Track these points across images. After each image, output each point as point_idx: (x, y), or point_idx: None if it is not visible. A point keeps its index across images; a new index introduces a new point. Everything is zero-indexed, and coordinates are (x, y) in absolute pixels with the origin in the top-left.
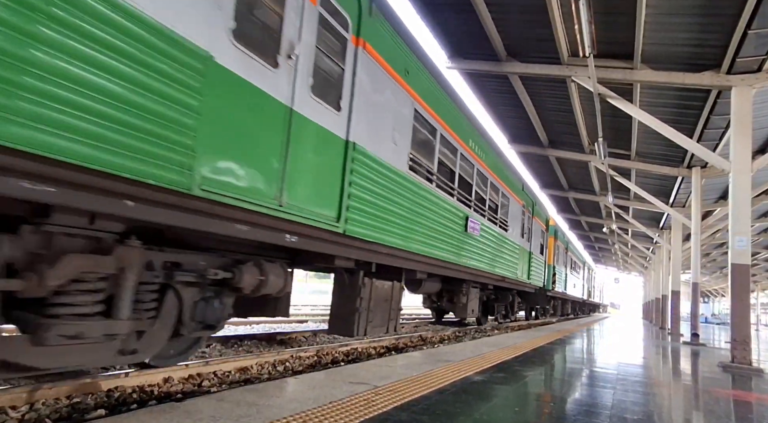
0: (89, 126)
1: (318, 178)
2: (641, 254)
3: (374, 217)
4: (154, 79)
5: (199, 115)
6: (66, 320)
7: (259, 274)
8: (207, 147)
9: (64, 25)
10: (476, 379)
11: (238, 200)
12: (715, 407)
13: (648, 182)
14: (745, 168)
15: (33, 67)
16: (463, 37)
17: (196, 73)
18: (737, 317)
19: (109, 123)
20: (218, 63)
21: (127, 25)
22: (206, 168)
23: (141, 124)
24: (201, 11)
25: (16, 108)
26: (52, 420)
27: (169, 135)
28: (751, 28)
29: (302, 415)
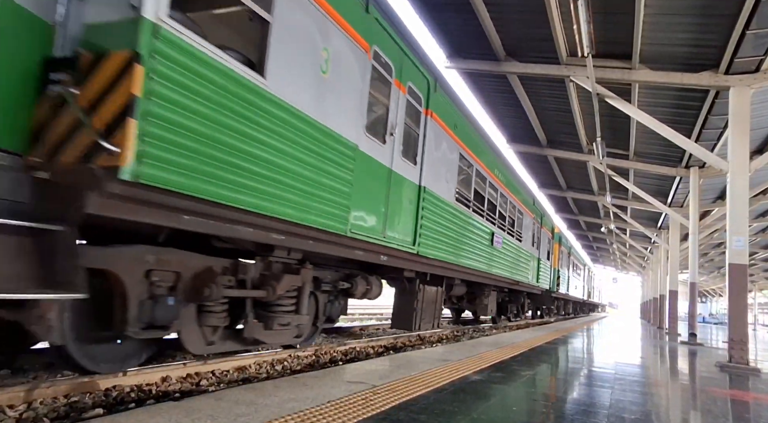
0: (300, 199)
1: (403, 215)
2: (639, 254)
3: (435, 240)
4: (334, 165)
5: (351, 185)
6: (280, 315)
7: (366, 284)
8: (354, 205)
9: (301, 147)
10: (474, 379)
11: (366, 236)
12: (713, 407)
13: (646, 182)
14: (743, 168)
15: (279, 170)
16: (462, 37)
17: (350, 158)
18: (735, 317)
19: (310, 196)
20: (360, 149)
21: (322, 137)
22: (353, 218)
23: (326, 196)
24: (352, 119)
25: (275, 195)
26: (50, 419)
27: (338, 200)
28: (750, 28)
29: (300, 415)
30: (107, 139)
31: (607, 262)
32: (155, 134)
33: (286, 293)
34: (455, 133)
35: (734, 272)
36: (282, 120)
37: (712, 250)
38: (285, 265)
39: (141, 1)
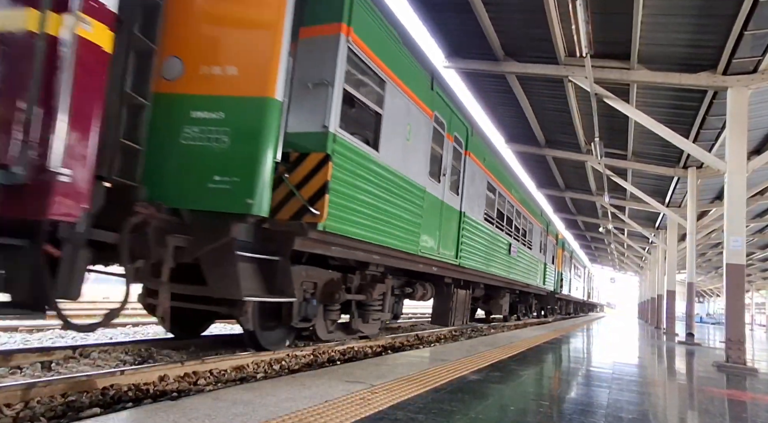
0: (391, 230)
1: (450, 235)
2: (637, 254)
3: (471, 253)
4: (412, 204)
5: (421, 217)
6: (373, 312)
7: (423, 289)
8: (422, 231)
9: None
10: (472, 378)
11: (428, 254)
12: (710, 406)
13: (644, 182)
14: (741, 168)
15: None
16: (460, 37)
17: (420, 198)
18: (732, 317)
19: (397, 227)
20: (426, 190)
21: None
22: (421, 241)
23: (407, 226)
24: (422, 168)
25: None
26: (47, 418)
27: (413, 229)
28: (748, 29)
29: (298, 414)
30: (312, 205)
31: (605, 262)
32: (334, 202)
33: (377, 297)
34: (485, 166)
35: (732, 272)
36: (385, 178)
37: (709, 250)
38: (374, 276)
39: (329, 122)
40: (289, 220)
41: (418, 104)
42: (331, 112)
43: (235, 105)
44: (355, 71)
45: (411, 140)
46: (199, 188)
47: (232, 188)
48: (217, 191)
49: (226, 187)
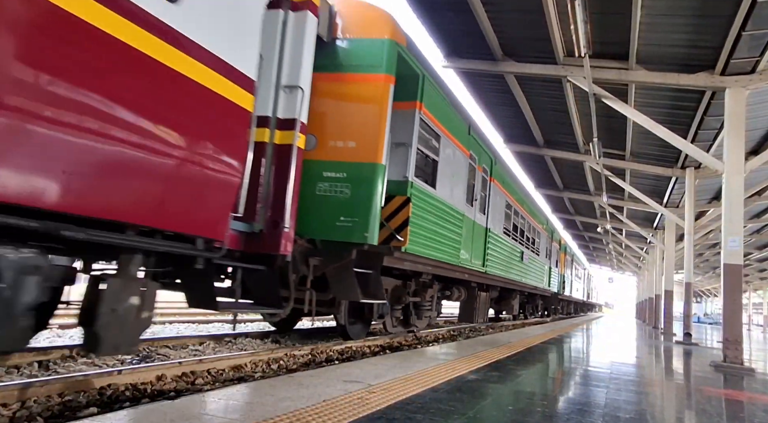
0: (440, 246)
1: (478, 248)
2: (635, 254)
3: (494, 262)
4: (455, 226)
5: (461, 235)
6: (426, 312)
7: (458, 292)
8: (461, 246)
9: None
10: (470, 378)
11: (465, 264)
12: (707, 406)
13: (642, 182)
14: (739, 169)
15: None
16: (459, 37)
17: (461, 221)
18: (729, 317)
19: (445, 244)
20: (465, 214)
21: (454, 214)
22: (461, 254)
23: (452, 243)
24: (462, 197)
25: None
26: (44, 418)
27: (455, 245)
28: (746, 29)
29: (296, 413)
30: (398, 234)
31: (603, 262)
32: (412, 230)
33: (428, 298)
34: (503, 187)
35: (729, 272)
36: (439, 208)
37: (707, 251)
38: (425, 282)
39: (409, 173)
40: (381, 244)
41: (460, 148)
42: (410, 166)
43: (354, 168)
44: (424, 133)
45: (455, 176)
46: (330, 225)
47: (353, 225)
48: (343, 227)
49: (349, 225)
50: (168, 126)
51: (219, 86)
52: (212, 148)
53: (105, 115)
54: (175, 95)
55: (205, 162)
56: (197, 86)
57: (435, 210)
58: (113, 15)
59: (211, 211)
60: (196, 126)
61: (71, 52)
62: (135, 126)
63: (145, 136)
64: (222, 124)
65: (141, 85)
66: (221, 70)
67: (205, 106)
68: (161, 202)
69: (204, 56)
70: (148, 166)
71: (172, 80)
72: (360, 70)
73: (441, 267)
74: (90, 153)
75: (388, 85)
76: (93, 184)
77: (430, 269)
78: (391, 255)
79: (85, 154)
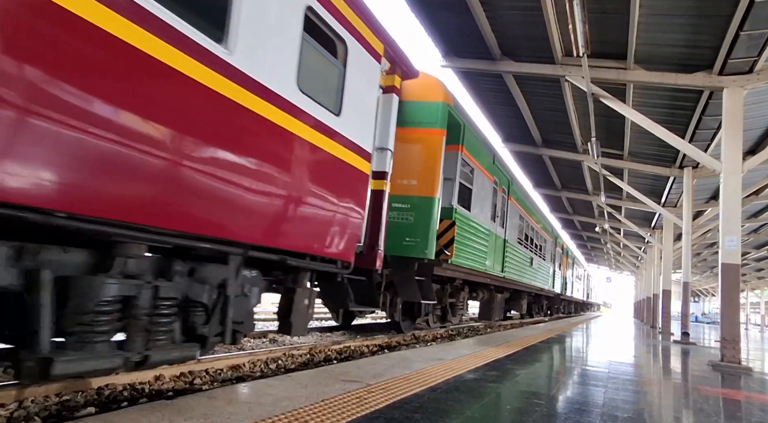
0: (473, 257)
1: (498, 257)
2: (633, 253)
3: (511, 268)
4: (484, 240)
5: (487, 247)
6: (459, 310)
7: (482, 294)
8: (487, 256)
9: (476, 237)
10: (469, 377)
11: (489, 271)
12: (705, 405)
13: (640, 182)
14: (736, 168)
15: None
16: (457, 36)
17: (487, 235)
18: (727, 316)
19: (477, 255)
20: (490, 230)
21: (483, 230)
22: (487, 262)
23: (481, 256)
24: (489, 217)
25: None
26: (42, 418)
27: (483, 255)
28: (743, 29)
29: (294, 413)
30: (446, 249)
31: (601, 262)
32: (457, 247)
33: (461, 299)
34: (518, 203)
35: (727, 272)
36: (473, 226)
37: (705, 250)
38: (458, 286)
39: (453, 202)
40: (435, 257)
41: (487, 176)
42: (454, 196)
43: (416, 200)
44: (464, 169)
45: (484, 199)
46: (398, 244)
47: (416, 244)
48: (408, 246)
49: (412, 244)
50: (333, 191)
51: (355, 162)
52: (351, 202)
53: (319, 195)
54: (336, 173)
55: (348, 212)
56: (346, 165)
57: (470, 229)
58: (318, 135)
59: (348, 243)
60: (345, 189)
61: (300, 158)
62: (322, 195)
63: (325, 200)
64: (356, 186)
65: (325, 170)
66: (358, 151)
67: (347, 176)
68: (329, 238)
69: (350, 145)
70: (326, 217)
71: (336, 165)
72: (421, 126)
73: (472, 274)
74: (312, 219)
75: (441, 136)
76: (302, 231)
77: (464, 276)
78: (440, 266)
79: (312, 220)
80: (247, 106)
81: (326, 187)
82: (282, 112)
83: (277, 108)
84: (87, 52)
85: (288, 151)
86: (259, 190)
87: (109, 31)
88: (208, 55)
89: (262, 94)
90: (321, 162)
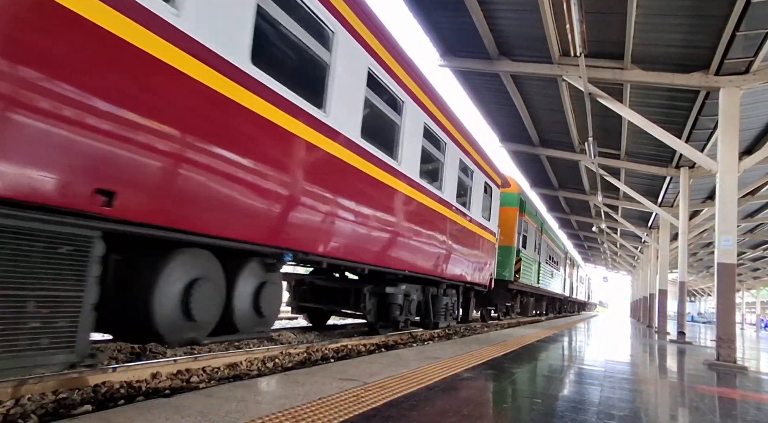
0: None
1: (536, 273)
2: (630, 253)
3: (542, 280)
4: (531, 264)
5: (532, 270)
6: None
7: (524, 298)
8: (532, 274)
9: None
10: (465, 376)
11: (531, 283)
12: (700, 404)
13: (637, 182)
14: (732, 168)
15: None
16: (455, 36)
17: (533, 261)
18: (723, 316)
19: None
20: (535, 258)
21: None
22: (531, 279)
23: (529, 274)
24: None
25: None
26: (38, 416)
27: (531, 274)
28: (740, 29)
29: (291, 411)
30: (516, 274)
31: (598, 261)
32: (522, 271)
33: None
34: (546, 234)
35: (723, 271)
36: (528, 258)
37: (701, 250)
38: (513, 294)
39: (519, 246)
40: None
41: (533, 225)
42: (519, 242)
43: (505, 248)
44: (524, 225)
45: (531, 240)
46: (498, 272)
47: (505, 272)
48: (501, 272)
49: (503, 271)
50: (478, 250)
51: (489, 236)
52: (488, 255)
53: (479, 255)
54: (480, 243)
55: (487, 260)
56: (482, 238)
57: (527, 260)
58: (480, 229)
59: (488, 275)
60: (485, 250)
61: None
62: (480, 255)
63: (474, 256)
64: (491, 248)
65: (482, 244)
66: (489, 231)
67: (485, 243)
68: (477, 274)
69: (484, 227)
70: (476, 262)
71: (479, 240)
72: (507, 205)
73: (525, 286)
74: (462, 262)
75: (516, 211)
76: (475, 272)
77: (519, 288)
78: (513, 283)
79: (477, 265)
80: None
81: (481, 251)
82: (472, 224)
83: (469, 222)
84: None
85: (471, 238)
86: (464, 258)
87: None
88: None
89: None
90: (482, 241)
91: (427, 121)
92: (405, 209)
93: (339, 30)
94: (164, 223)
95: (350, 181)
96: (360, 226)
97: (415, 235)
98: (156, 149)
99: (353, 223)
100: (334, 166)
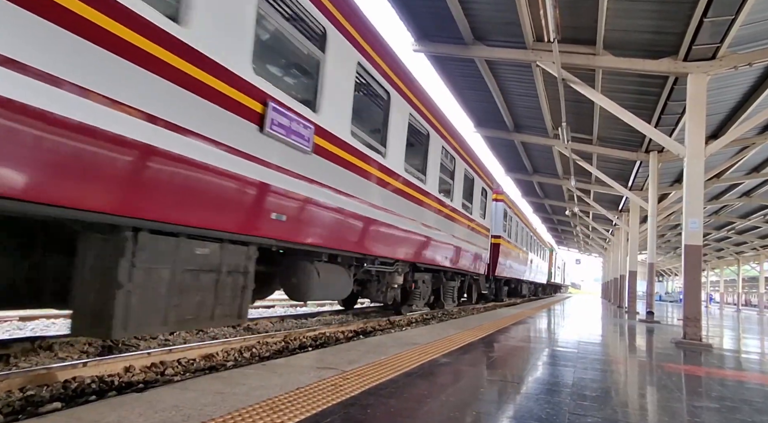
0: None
1: (534, 270)
2: (601, 236)
3: (530, 273)
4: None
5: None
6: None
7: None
8: (527, 269)
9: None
10: (443, 361)
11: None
12: (668, 382)
13: (608, 166)
14: (699, 152)
15: None
16: (429, 20)
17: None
18: (689, 295)
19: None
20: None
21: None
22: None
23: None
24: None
25: None
26: (4, 414)
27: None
28: (707, 16)
29: (269, 402)
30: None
31: (571, 244)
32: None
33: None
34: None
35: (689, 252)
36: (516, 249)
37: (669, 232)
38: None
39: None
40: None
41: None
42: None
43: None
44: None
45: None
46: None
47: None
48: None
49: None
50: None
51: (486, 232)
52: (483, 250)
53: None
54: (479, 240)
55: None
56: (480, 236)
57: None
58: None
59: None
60: (482, 246)
61: None
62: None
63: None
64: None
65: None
66: (485, 228)
67: (483, 240)
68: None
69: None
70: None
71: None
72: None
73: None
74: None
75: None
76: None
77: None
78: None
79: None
80: None
81: (478, 246)
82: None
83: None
84: None
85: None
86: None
87: None
88: None
89: None
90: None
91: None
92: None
93: None
94: None
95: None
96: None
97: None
98: None
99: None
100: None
